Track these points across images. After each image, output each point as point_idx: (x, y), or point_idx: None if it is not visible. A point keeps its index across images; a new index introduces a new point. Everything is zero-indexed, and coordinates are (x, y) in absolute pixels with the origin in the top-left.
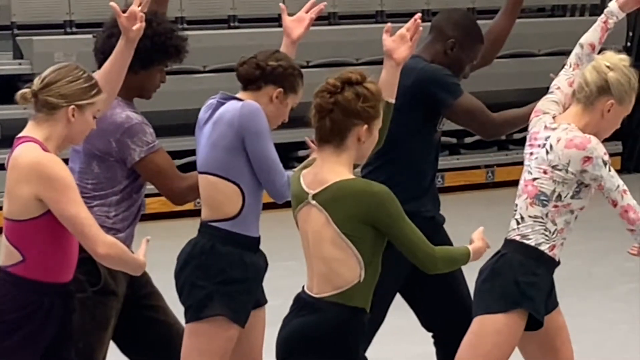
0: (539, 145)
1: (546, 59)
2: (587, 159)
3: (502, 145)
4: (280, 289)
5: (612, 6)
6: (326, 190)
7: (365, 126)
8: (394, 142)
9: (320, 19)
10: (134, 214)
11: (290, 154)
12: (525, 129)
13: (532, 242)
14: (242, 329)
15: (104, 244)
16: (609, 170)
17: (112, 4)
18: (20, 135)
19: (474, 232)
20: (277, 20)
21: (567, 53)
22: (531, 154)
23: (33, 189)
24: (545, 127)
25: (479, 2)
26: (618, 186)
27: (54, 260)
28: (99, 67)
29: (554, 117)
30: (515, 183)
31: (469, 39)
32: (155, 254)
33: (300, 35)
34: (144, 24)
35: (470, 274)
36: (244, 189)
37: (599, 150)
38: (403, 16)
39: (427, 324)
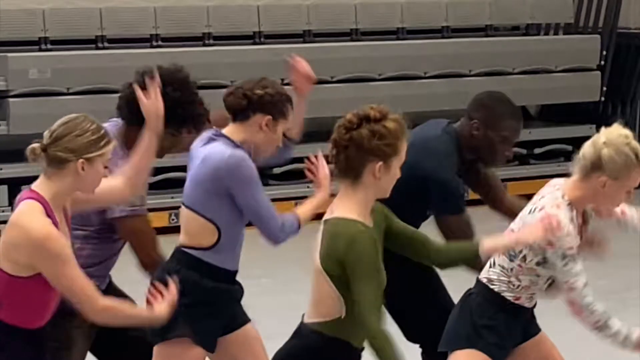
0: (534, 202)
1: (520, 77)
2: (551, 244)
3: None
4: (251, 306)
5: None
6: (327, 222)
7: (381, 163)
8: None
9: (295, 37)
10: (105, 257)
11: (265, 171)
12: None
13: (495, 289)
14: (211, 353)
15: (95, 311)
16: (565, 265)
17: (135, 86)
18: (30, 188)
19: None
20: (252, 38)
21: (540, 71)
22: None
23: (31, 260)
24: (550, 190)
25: (452, 20)
26: (568, 282)
27: (32, 310)
28: (121, 117)
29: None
30: None
31: (494, 117)
32: (129, 270)
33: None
34: (162, 113)
35: (458, 287)
36: (220, 227)
37: (565, 242)
38: (378, 34)
39: (412, 337)
